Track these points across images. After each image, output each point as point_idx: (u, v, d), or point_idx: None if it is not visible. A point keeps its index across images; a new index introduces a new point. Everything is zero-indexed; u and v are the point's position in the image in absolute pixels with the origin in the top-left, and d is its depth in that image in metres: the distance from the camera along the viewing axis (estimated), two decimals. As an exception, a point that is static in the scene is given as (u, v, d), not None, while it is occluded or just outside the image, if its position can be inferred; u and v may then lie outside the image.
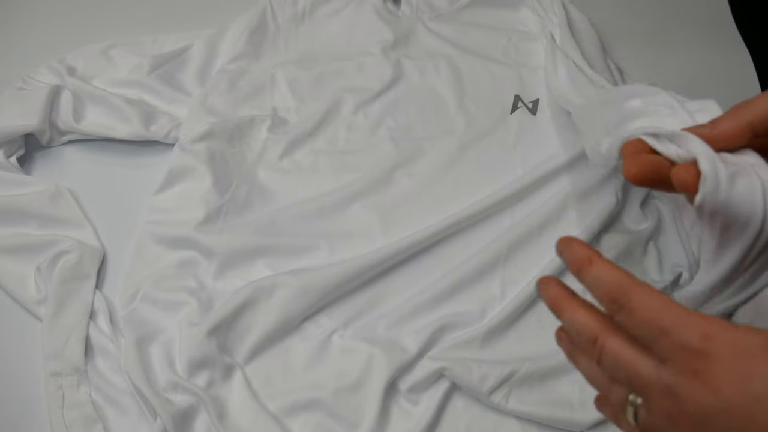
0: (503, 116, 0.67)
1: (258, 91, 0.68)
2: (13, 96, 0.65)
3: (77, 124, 0.64)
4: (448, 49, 0.73)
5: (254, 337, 0.52)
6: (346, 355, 0.52)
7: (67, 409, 0.49)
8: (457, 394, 0.51)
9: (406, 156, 0.63)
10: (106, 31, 0.74)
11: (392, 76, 0.69)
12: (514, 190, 0.60)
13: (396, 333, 0.53)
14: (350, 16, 0.75)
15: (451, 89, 0.69)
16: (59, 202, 0.60)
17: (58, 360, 0.51)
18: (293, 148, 0.64)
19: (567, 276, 0.58)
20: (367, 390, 0.50)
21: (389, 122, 0.66)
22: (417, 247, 0.57)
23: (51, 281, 0.54)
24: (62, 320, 0.52)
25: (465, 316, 0.54)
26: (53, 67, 0.68)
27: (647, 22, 0.80)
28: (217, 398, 0.49)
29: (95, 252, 0.57)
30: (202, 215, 0.58)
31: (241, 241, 0.57)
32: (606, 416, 0.32)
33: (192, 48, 0.71)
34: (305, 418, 0.50)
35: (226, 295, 0.54)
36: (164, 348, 0.52)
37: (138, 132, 0.64)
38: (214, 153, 0.62)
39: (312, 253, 0.57)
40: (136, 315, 0.54)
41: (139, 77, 0.68)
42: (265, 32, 0.73)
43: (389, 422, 0.50)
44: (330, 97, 0.67)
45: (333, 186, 0.61)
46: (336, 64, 0.70)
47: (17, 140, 0.63)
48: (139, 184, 0.62)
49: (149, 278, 0.55)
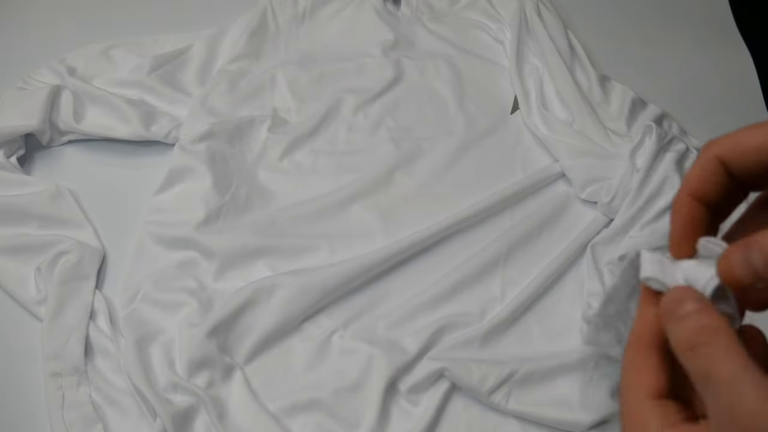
0: (503, 116, 0.67)
1: (258, 91, 0.68)
2: (13, 96, 0.65)
3: (77, 124, 0.64)
4: (448, 49, 0.73)
5: (254, 337, 0.52)
6: (346, 356, 0.52)
7: (67, 409, 0.49)
8: (457, 394, 0.51)
9: (406, 156, 0.63)
10: (106, 31, 0.74)
11: (392, 76, 0.69)
12: (513, 191, 0.60)
13: (396, 333, 0.53)
14: (350, 16, 0.75)
15: (451, 89, 0.69)
16: (59, 202, 0.60)
17: (58, 360, 0.51)
18: (293, 149, 0.64)
19: (566, 276, 0.58)
20: (367, 390, 0.50)
21: (389, 122, 0.66)
22: (417, 248, 0.57)
23: (51, 281, 0.54)
24: (62, 320, 0.52)
25: (465, 317, 0.54)
26: (53, 67, 0.68)
27: (647, 22, 0.80)
28: (217, 398, 0.49)
29: (95, 252, 0.57)
30: (202, 215, 0.58)
31: (241, 241, 0.57)
32: None
33: (192, 48, 0.71)
34: (305, 418, 0.50)
35: (226, 295, 0.54)
36: (164, 348, 0.52)
37: (138, 132, 0.64)
38: (214, 153, 0.62)
39: (312, 254, 0.57)
40: (136, 315, 0.54)
41: (139, 77, 0.68)
42: (266, 33, 0.73)
43: (389, 422, 0.50)
44: (330, 97, 0.67)
45: (333, 186, 0.61)
46: (336, 65, 0.70)
47: (17, 140, 0.63)
48: (139, 184, 0.62)
49: (149, 278, 0.55)
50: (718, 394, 0.23)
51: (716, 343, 0.23)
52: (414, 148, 0.64)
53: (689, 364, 0.24)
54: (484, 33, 0.75)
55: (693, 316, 0.24)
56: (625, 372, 0.27)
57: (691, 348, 0.24)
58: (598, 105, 0.67)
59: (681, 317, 0.25)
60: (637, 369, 0.27)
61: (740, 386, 0.22)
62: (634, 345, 0.27)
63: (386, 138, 0.65)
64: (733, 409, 0.22)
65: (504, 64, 0.72)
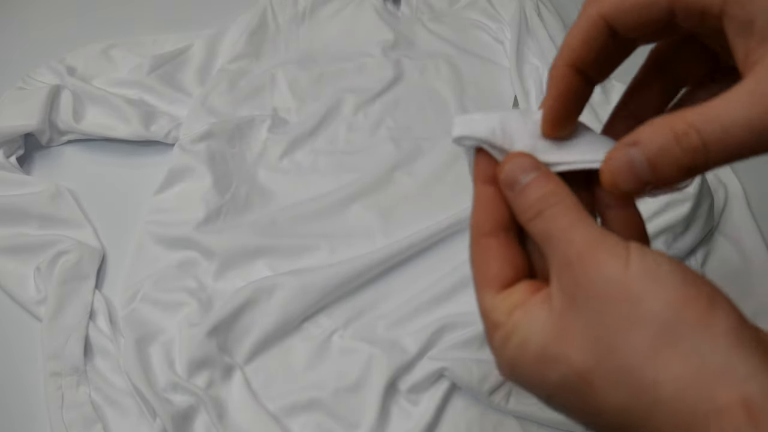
0: (503, 116, 0.67)
1: (258, 91, 0.68)
2: (13, 96, 0.65)
3: (77, 124, 0.64)
4: (447, 49, 0.73)
5: (254, 337, 0.52)
6: (346, 356, 0.52)
7: (67, 410, 0.49)
8: (457, 394, 0.51)
9: (406, 156, 0.63)
10: (106, 31, 0.75)
11: (392, 76, 0.69)
12: (514, 191, 0.60)
13: (396, 333, 0.53)
14: (350, 16, 0.75)
15: (451, 89, 0.69)
16: (59, 202, 0.59)
17: (58, 360, 0.51)
18: (293, 148, 0.64)
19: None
20: (367, 390, 0.50)
21: (389, 122, 0.66)
22: (417, 247, 0.57)
23: (51, 281, 0.54)
24: (62, 320, 0.52)
25: (465, 316, 0.54)
26: (53, 67, 0.68)
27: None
28: (217, 398, 0.49)
29: (95, 252, 0.57)
30: (202, 215, 0.58)
31: (241, 241, 0.57)
32: None
33: (192, 48, 0.71)
34: (305, 418, 0.50)
35: (226, 295, 0.54)
36: (164, 348, 0.52)
37: (138, 132, 0.64)
38: (214, 153, 0.62)
39: (312, 253, 0.57)
40: (136, 315, 0.54)
41: (139, 77, 0.68)
42: (266, 32, 0.73)
43: (389, 422, 0.50)
44: (330, 97, 0.67)
45: (333, 186, 0.61)
46: (336, 65, 0.70)
47: (17, 140, 0.63)
48: (139, 184, 0.62)
49: (149, 278, 0.55)
50: (555, 247, 0.23)
51: (558, 204, 0.24)
52: (414, 147, 0.64)
53: (535, 230, 0.24)
54: (484, 33, 0.75)
55: (535, 183, 0.25)
56: (472, 271, 0.27)
57: (537, 214, 0.24)
58: (598, 105, 0.67)
59: (524, 187, 0.25)
60: (479, 265, 0.26)
61: (572, 234, 0.23)
62: (474, 238, 0.27)
63: (386, 137, 0.65)
64: (566, 256, 0.23)
65: (504, 64, 0.72)
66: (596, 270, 0.22)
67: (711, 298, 0.21)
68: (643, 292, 0.21)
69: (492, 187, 0.27)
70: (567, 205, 0.24)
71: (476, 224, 0.27)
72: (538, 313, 0.23)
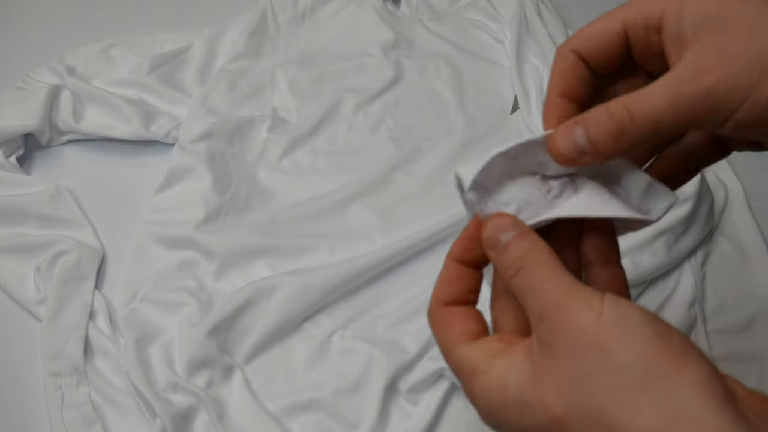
0: (503, 116, 0.67)
1: (258, 91, 0.68)
2: (13, 96, 0.65)
3: (77, 124, 0.64)
4: (448, 49, 0.73)
5: (254, 337, 0.52)
6: (346, 356, 0.52)
7: (66, 410, 0.49)
8: (457, 394, 0.51)
9: (406, 156, 0.63)
10: (106, 31, 0.74)
11: (392, 76, 0.69)
12: (514, 190, 0.60)
13: (396, 333, 0.53)
14: (350, 16, 0.75)
15: (451, 89, 0.69)
16: (59, 202, 0.59)
17: (58, 360, 0.51)
18: (293, 148, 0.64)
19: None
20: (367, 390, 0.50)
21: (389, 122, 0.66)
22: (417, 247, 0.57)
23: (50, 281, 0.54)
24: (62, 320, 0.52)
25: (465, 317, 0.54)
26: (53, 67, 0.68)
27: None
28: (217, 398, 0.49)
29: (95, 252, 0.57)
30: (202, 215, 0.58)
31: (241, 241, 0.57)
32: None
33: (192, 48, 0.71)
34: (305, 418, 0.50)
35: (226, 295, 0.54)
36: (164, 348, 0.52)
37: (138, 132, 0.64)
38: (214, 153, 0.62)
39: (312, 253, 0.57)
40: (135, 315, 0.54)
41: (139, 77, 0.68)
42: (266, 32, 0.73)
43: (389, 422, 0.50)
44: (330, 97, 0.67)
45: (333, 186, 0.61)
46: (336, 64, 0.70)
47: (17, 140, 0.63)
48: (139, 184, 0.62)
49: (149, 278, 0.55)
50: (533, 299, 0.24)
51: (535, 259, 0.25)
52: (414, 147, 0.64)
53: (516, 287, 0.26)
54: (484, 33, 0.75)
55: (514, 242, 0.26)
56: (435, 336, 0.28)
57: (517, 271, 0.25)
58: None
59: (504, 247, 0.26)
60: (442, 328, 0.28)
61: (548, 285, 0.24)
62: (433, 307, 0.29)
63: (386, 137, 0.65)
64: (542, 306, 0.24)
65: (504, 64, 0.72)
66: (570, 319, 0.23)
67: (683, 349, 0.22)
68: (615, 343, 0.22)
69: (461, 267, 0.30)
70: (544, 260, 0.25)
71: (437, 295, 0.29)
72: (520, 360, 0.24)
